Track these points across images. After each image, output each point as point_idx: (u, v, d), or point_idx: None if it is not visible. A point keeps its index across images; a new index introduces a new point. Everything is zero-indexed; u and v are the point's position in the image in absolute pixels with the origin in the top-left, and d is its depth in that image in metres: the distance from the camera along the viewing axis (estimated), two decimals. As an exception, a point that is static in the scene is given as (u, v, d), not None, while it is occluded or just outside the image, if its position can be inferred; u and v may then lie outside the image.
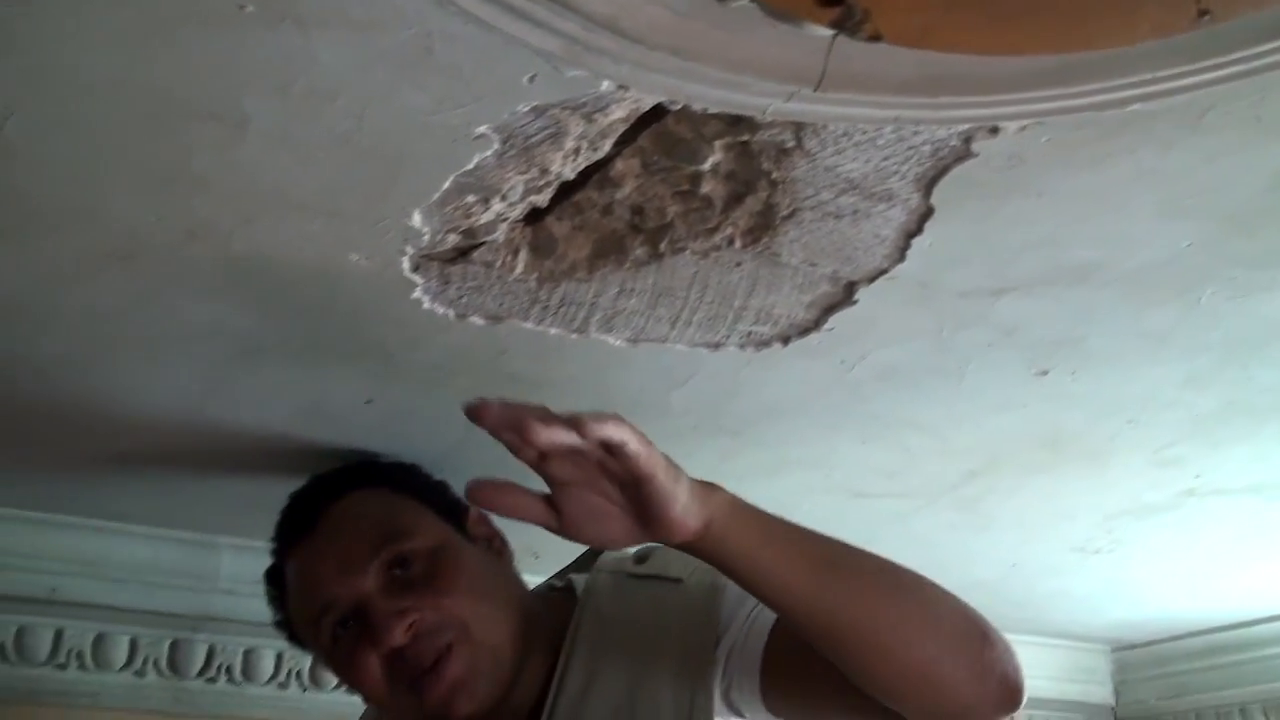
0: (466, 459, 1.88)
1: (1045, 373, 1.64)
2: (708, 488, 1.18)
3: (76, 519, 2.16)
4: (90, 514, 2.15)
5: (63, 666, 2.24)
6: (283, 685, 2.42)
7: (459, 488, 1.76)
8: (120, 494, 2.06)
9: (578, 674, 1.44)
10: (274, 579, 1.66)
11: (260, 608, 2.32)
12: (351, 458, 1.81)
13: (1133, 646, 3.15)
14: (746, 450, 1.90)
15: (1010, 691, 1.20)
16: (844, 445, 1.90)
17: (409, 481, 1.67)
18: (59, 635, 2.23)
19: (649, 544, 1.60)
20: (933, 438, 1.87)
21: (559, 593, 1.68)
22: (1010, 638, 3.12)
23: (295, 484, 1.80)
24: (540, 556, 2.41)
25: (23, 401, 1.70)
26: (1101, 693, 3.23)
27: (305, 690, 2.44)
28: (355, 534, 1.53)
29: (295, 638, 1.67)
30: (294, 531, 1.61)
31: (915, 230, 1.30)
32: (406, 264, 1.36)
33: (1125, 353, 1.60)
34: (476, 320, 1.49)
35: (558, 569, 2.47)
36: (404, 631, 1.45)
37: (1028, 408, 1.76)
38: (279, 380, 1.65)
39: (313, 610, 1.54)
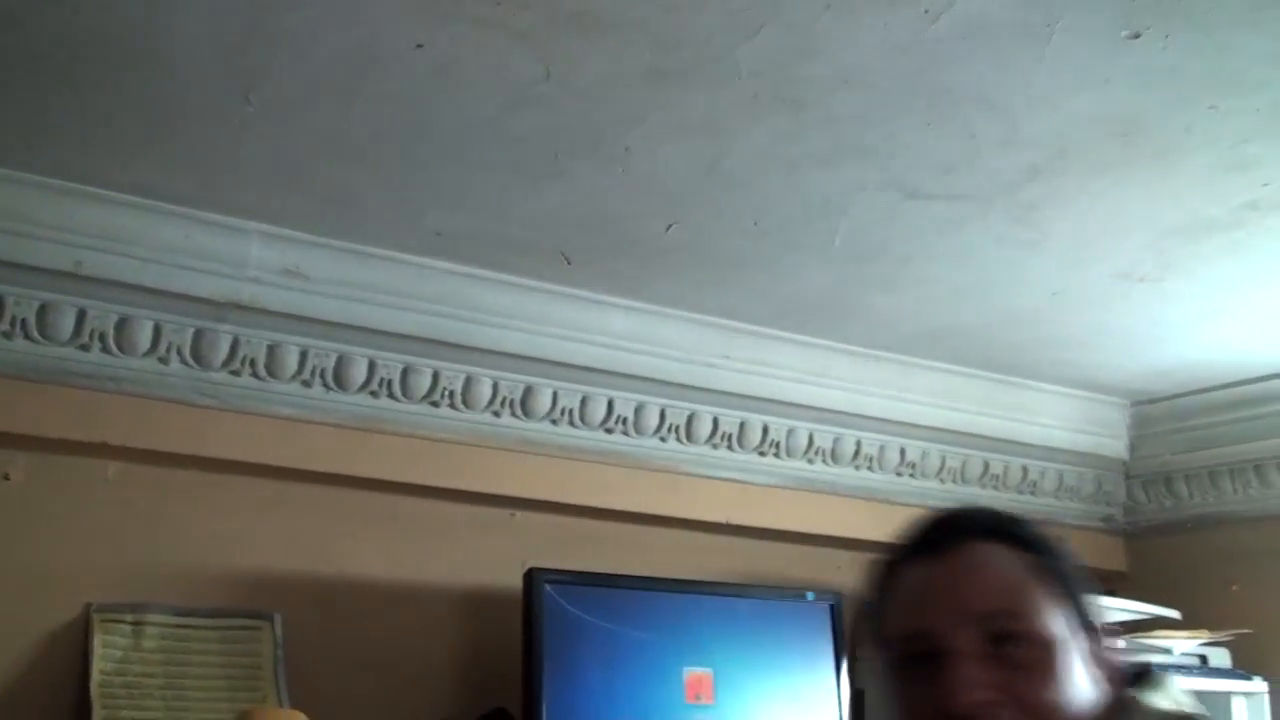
0: (521, 121, 1.82)
1: (1138, 35, 1.56)
2: None
3: (105, 191, 2.08)
4: (119, 187, 2.08)
5: (85, 348, 2.19)
6: (306, 383, 2.39)
7: (515, 145, 1.69)
8: (151, 165, 1.99)
9: None
10: (886, 570, 1.55)
11: (287, 300, 2.30)
12: (409, 122, 1.73)
13: (1153, 400, 3.14)
14: (808, 131, 1.83)
15: None
16: (908, 129, 1.82)
17: (1056, 564, 1.43)
18: (82, 315, 2.17)
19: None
20: (1001, 122, 1.79)
21: None
22: (1031, 384, 3.11)
23: (330, 157, 1.73)
24: (572, 263, 2.38)
25: (56, 35, 1.61)
26: (1116, 446, 3.24)
27: (329, 390, 2.41)
28: (977, 583, 1.35)
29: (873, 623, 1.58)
30: (922, 545, 1.47)
31: None
32: None
33: (1226, 14, 1.52)
34: (546, -62, 1.40)
35: (588, 276, 2.43)
36: (972, 707, 1.36)
37: (1110, 84, 1.68)
38: (326, 14, 1.56)
39: (902, 628, 1.45)
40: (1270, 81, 1.66)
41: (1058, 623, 1.34)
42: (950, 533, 1.37)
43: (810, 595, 2.72)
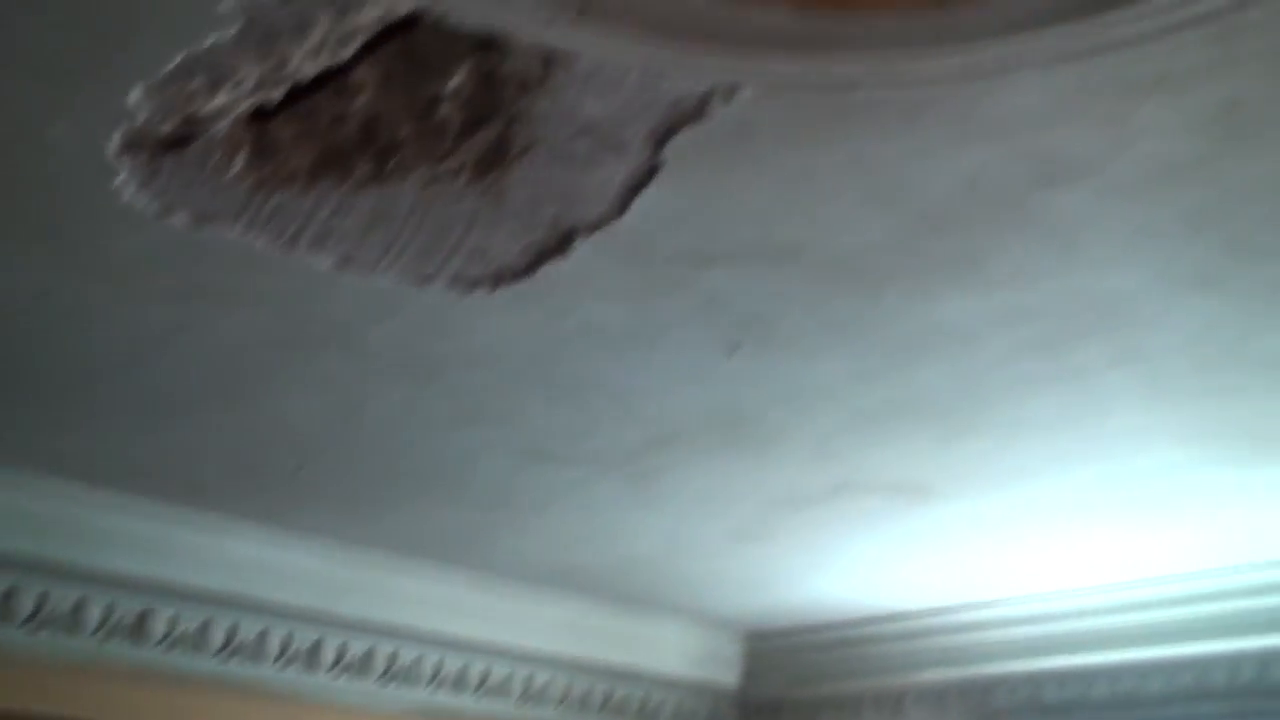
0: (153, 365, 1.81)
1: (735, 348, 1.72)
2: None
3: None
4: None
5: None
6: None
7: (146, 384, 1.68)
8: None
9: None
10: None
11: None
12: (35, 355, 1.70)
13: (764, 637, 3.32)
14: (438, 398, 1.90)
15: None
16: (532, 403, 1.92)
17: None
18: None
19: None
20: (618, 404, 1.92)
21: None
22: (652, 620, 3.24)
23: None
24: (200, 492, 2.33)
25: None
26: (730, 678, 3.39)
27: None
28: None
29: None
30: None
31: (641, 184, 1.34)
32: (116, 143, 1.29)
33: (809, 340, 1.70)
34: (178, 221, 1.43)
35: (216, 503, 2.38)
36: None
37: (712, 384, 1.83)
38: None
39: None
40: (851, 394, 1.85)
41: None
42: None
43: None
